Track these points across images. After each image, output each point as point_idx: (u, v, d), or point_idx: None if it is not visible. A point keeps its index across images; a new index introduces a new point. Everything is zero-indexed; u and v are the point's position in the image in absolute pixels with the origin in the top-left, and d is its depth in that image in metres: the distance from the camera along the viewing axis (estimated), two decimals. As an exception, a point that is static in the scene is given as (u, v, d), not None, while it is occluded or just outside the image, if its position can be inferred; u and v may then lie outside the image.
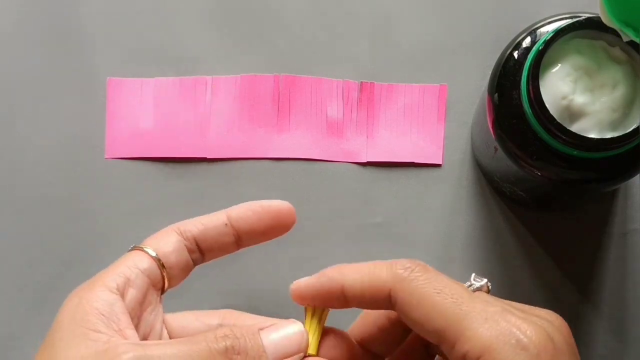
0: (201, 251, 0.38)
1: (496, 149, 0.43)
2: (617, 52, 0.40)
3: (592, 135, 0.39)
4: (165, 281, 0.37)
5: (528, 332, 0.32)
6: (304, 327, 0.37)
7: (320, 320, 0.37)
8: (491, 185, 0.50)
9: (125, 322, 0.35)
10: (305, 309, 0.37)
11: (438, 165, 0.50)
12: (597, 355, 0.48)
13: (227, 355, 0.33)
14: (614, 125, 0.39)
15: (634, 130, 0.38)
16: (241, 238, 0.39)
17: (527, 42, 0.42)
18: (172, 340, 0.34)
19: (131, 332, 0.35)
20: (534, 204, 0.48)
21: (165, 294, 0.38)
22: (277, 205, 0.39)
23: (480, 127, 0.46)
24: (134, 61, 0.51)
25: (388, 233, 0.50)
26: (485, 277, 0.36)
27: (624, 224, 0.49)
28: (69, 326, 0.33)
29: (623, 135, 0.38)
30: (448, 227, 0.50)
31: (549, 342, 0.32)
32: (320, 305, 0.37)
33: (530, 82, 0.38)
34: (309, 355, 0.36)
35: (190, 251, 0.38)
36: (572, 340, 0.34)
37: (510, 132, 0.41)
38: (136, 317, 0.36)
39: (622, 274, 0.49)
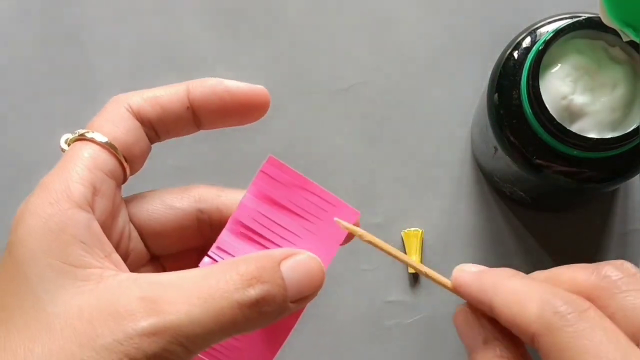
0: (157, 133, 0.33)
1: (496, 149, 0.43)
2: (617, 52, 0.40)
3: (592, 135, 0.39)
4: (127, 175, 0.32)
5: None
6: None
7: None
8: (491, 185, 0.50)
9: (107, 245, 0.29)
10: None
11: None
12: (597, 355, 0.48)
13: (257, 307, 0.28)
14: (614, 125, 0.39)
15: (634, 130, 0.38)
16: (203, 123, 0.33)
17: (527, 42, 0.42)
18: (188, 278, 0.28)
19: (115, 257, 0.30)
20: (534, 204, 0.48)
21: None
22: (247, 90, 0.33)
23: (480, 127, 0.46)
24: (134, 61, 0.51)
25: (388, 233, 0.50)
26: None
27: (624, 224, 0.49)
28: (46, 260, 0.27)
29: (623, 135, 0.38)
30: (448, 227, 0.50)
31: None
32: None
33: (530, 82, 0.38)
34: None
35: (147, 135, 0.32)
36: None
37: (510, 132, 0.41)
38: (108, 230, 0.30)
39: (622, 274, 0.49)
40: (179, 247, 0.34)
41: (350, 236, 0.33)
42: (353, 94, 0.51)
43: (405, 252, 0.50)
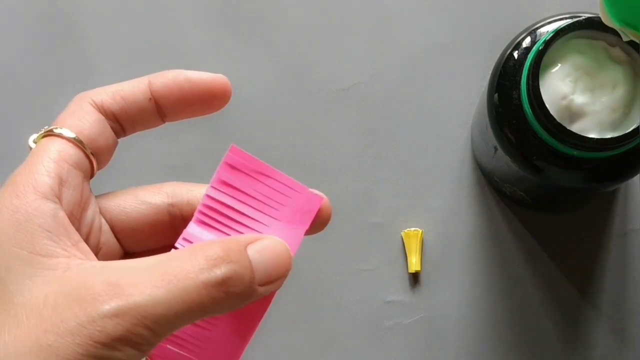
0: (122, 126, 0.33)
1: (496, 149, 0.43)
2: (617, 52, 0.40)
3: (592, 135, 0.39)
4: (95, 168, 0.32)
5: None
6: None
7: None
8: (491, 185, 0.50)
9: (74, 234, 0.30)
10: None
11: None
12: (597, 355, 0.48)
13: (224, 287, 0.28)
14: (614, 125, 0.39)
15: (634, 130, 0.38)
16: (165, 114, 0.33)
17: (527, 42, 0.42)
18: (153, 262, 0.29)
19: (83, 245, 0.30)
20: (534, 204, 0.48)
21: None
22: (207, 79, 0.33)
23: (480, 127, 0.46)
24: (134, 61, 0.51)
25: (388, 233, 0.50)
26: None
27: (624, 224, 0.49)
28: (13, 250, 0.28)
29: (623, 135, 0.38)
30: (448, 227, 0.50)
31: None
32: None
33: (530, 82, 0.38)
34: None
35: (112, 128, 0.33)
36: None
37: (510, 132, 0.41)
38: (76, 221, 0.31)
39: (622, 274, 0.49)
40: (152, 243, 0.34)
41: (316, 222, 0.33)
42: (353, 94, 0.51)
43: (405, 252, 0.50)
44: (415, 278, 0.49)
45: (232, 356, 0.32)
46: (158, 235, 0.34)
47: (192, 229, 0.32)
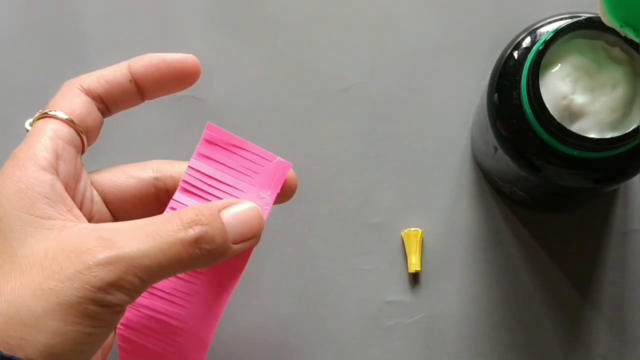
0: (107, 106, 0.38)
1: (496, 149, 0.43)
2: (617, 52, 0.40)
3: (592, 135, 0.39)
4: (85, 144, 0.37)
5: None
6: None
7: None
8: (491, 185, 0.50)
9: (69, 201, 0.34)
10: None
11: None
12: (597, 355, 0.48)
13: (197, 244, 0.33)
14: (614, 125, 0.39)
15: (634, 130, 0.38)
16: (145, 93, 0.38)
17: (527, 42, 0.42)
18: (138, 224, 0.33)
19: (77, 211, 0.34)
20: (534, 204, 0.48)
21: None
22: (179, 59, 0.38)
23: (480, 127, 0.46)
24: (134, 61, 0.51)
25: (388, 233, 0.50)
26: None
27: (624, 224, 0.49)
28: (16, 213, 0.32)
29: (623, 135, 0.38)
30: (448, 227, 0.50)
31: None
32: None
33: (530, 82, 0.38)
34: None
35: (98, 109, 0.37)
36: None
37: (510, 132, 0.41)
38: (71, 190, 0.35)
39: (622, 274, 0.49)
40: (139, 213, 0.39)
41: (285, 188, 0.38)
42: (353, 94, 0.51)
43: (405, 252, 0.50)
44: (415, 278, 0.49)
45: (217, 306, 0.37)
46: (144, 206, 0.39)
47: (178, 197, 0.37)
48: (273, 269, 0.50)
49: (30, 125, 0.36)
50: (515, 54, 0.42)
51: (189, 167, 0.37)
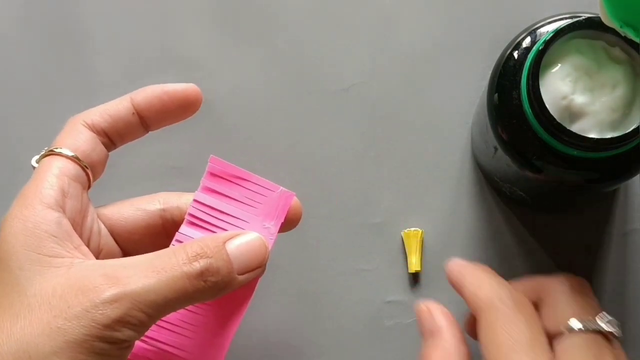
0: (111, 140, 0.38)
1: (496, 149, 0.43)
2: (617, 52, 0.40)
3: (592, 135, 0.39)
4: (91, 179, 0.37)
5: None
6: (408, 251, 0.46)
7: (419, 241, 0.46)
8: (491, 185, 0.50)
9: (76, 238, 0.34)
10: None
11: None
12: (597, 355, 0.48)
13: (203, 277, 0.33)
14: (614, 125, 0.39)
15: (634, 130, 0.38)
16: (149, 125, 0.39)
17: (527, 42, 0.42)
18: (144, 259, 0.33)
19: (84, 248, 0.34)
20: (534, 204, 0.48)
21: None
22: (181, 89, 0.38)
23: (480, 127, 0.46)
24: (134, 62, 0.51)
25: (388, 233, 0.50)
26: (617, 323, 0.39)
27: (624, 224, 0.49)
28: (24, 253, 0.32)
29: (623, 135, 0.38)
30: (448, 227, 0.50)
31: None
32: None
33: (530, 82, 0.38)
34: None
35: (102, 143, 0.38)
36: None
37: (510, 132, 0.41)
38: (78, 226, 0.36)
39: (622, 274, 0.49)
40: (147, 244, 0.39)
41: (289, 217, 0.38)
42: (353, 94, 0.51)
43: (405, 252, 0.50)
44: (415, 278, 0.49)
45: (224, 336, 0.37)
46: (152, 237, 0.39)
47: (184, 229, 0.37)
48: (273, 269, 0.50)
49: (37, 162, 0.37)
50: (515, 54, 0.42)
51: (194, 200, 0.38)
